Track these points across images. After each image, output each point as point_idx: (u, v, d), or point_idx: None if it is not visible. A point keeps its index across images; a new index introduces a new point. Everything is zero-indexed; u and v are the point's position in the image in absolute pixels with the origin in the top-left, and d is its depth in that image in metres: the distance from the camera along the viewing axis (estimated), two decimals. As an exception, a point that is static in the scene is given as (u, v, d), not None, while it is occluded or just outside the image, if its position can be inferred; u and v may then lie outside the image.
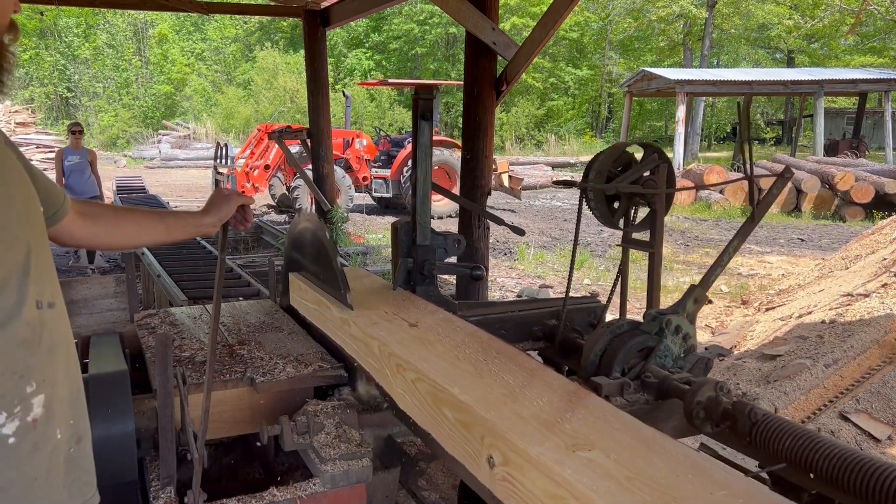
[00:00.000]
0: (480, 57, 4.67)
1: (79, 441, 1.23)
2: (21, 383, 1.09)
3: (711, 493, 1.00)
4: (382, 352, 1.72)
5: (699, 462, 1.12)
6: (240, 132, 29.18)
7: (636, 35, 34.38)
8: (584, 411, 1.29)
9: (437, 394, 1.44)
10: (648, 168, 2.23)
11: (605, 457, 1.11)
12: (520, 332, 2.26)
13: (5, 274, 1.06)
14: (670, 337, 1.94)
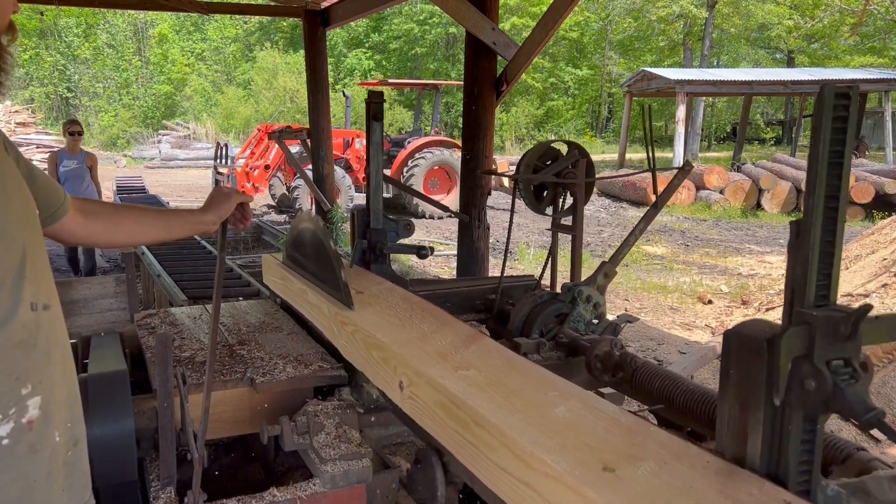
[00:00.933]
0: (480, 57, 4.67)
1: (76, 444, 1.23)
2: (16, 385, 1.09)
3: (546, 393, 1.38)
4: (331, 312, 2.03)
5: (546, 376, 1.48)
6: (240, 132, 29.18)
7: (636, 35, 34.38)
8: (475, 347, 1.65)
9: (367, 339, 1.78)
10: (570, 162, 2.58)
11: (478, 373, 1.47)
12: (464, 305, 2.60)
13: (7, 277, 1.07)
14: (582, 305, 2.28)
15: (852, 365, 1.01)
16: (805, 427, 1.05)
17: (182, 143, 27.11)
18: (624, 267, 8.99)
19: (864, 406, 0.97)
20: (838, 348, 1.01)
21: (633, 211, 14.87)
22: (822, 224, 1.04)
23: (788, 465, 1.06)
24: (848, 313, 1.00)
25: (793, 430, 1.04)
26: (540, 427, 1.21)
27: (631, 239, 2.47)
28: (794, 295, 1.06)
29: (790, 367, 1.02)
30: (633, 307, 6.93)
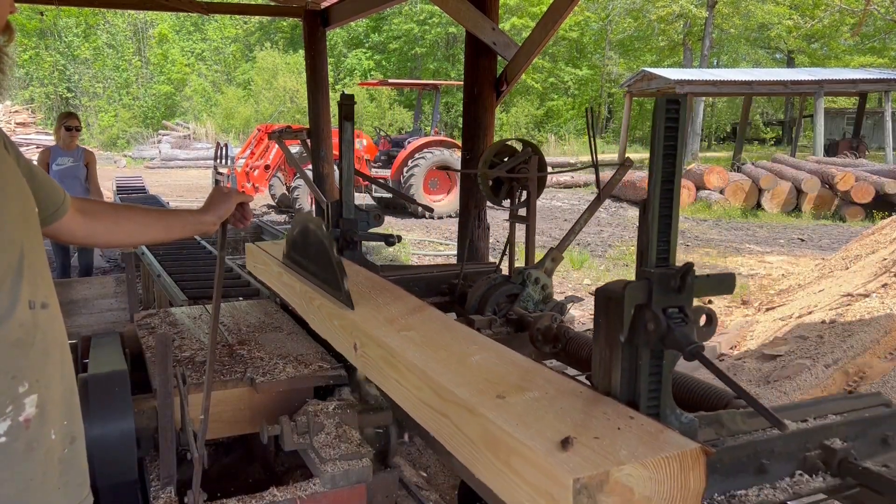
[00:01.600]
0: (480, 57, 4.67)
1: (73, 441, 1.23)
2: (13, 384, 1.09)
3: (468, 347, 1.67)
4: (302, 290, 2.31)
5: (474, 336, 1.79)
6: (240, 132, 29.18)
7: (636, 35, 34.38)
8: (419, 315, 1.93)
9: (331, 311, 2.06)
10: (523, 159, 2.83)
11: (416, 334, 1.75)
12: (430, 289, 2.85)
13: (5, 276, 1.08)
14: (531, 286, 2.55)
15: (684, 311, 1.30)
16: (653, 362, 1.34)
17: (182, 143, 27.11)
18: (624, 267, 8.99)
19: (687, 341, 1.26)
20: (672, 298, 1.31)
21: (633, 211, 14.87)
22: (660, 203, 1.31)
23: (640, 393, 1.34)
24: (678, 271, 1.29)
25: (643, 365, 1.32)
26: (456, 370, 1.52)
27: (577, 227, 2.79)
28: (641, 257, 1.33)
29: (634, 313, 1.30)
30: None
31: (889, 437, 1.59)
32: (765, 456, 1.44)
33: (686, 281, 1.30)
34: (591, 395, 1.39)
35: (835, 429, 1.53)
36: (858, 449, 1.52)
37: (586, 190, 18.69)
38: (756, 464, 1.44)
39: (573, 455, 1.13)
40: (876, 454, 1.54)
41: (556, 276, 8.29)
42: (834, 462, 1.46)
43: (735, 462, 1.41)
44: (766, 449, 1.44)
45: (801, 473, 1.47)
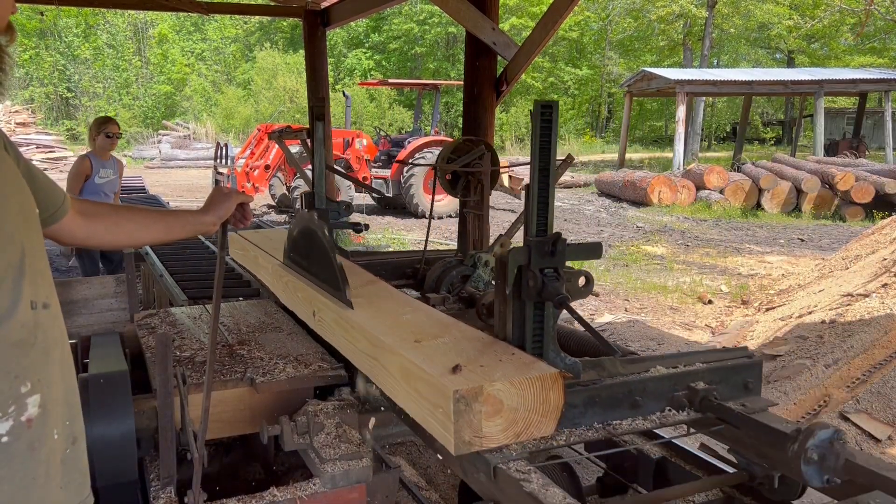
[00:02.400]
0: (480, 57, 4.67)
1: (74, 441, 1.23)
2: (15, 383, 1.10)
3: (403, 308, 2.01)
4: (273, 268, 2.65)
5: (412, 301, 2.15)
6: (240, 132, 29.19)
7: (636, 35, 34.38)
8: (370, 286, 2.29)
9: (295, 286, 2.39)
10: (477, 155, 3.12)
11: (364, 300, 2.08)
12: (396, 272, 3.16)
13: (6, 275, 1.08)
14: (481, 268, 2.82)
15: (557, 271, 1.64)
16: (536, 312, 1.69)
17: (182, 143, 27.11)
18: (624, 267, 9.00)
19: (557, 293, 1.60)
20: (547, 261, 1.65)
21: (633, 211, 14.88)
22: (539, 186, 1.65)
23: (526, 337, 1.69)
24: (551, 239, 1.65)
25: (528, 315, 1.68)
26: (388, 325, 1.85)
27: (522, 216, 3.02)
28: (526, 229, 1.68)
29: (518, 273, 1.65)
30: (634, 307, 6.93)
31: (750, 383, 1.90)
32: (638, 394, 1.76)
33: (557, 247, 1.64)
34: (490, 340, 1.74)
35: (700, 374, 1.84)
36: (722, 392, 1.83)
37: (586, 190, 18.69)
38: (631, 400, 1.76)
39: (459, 377, 1.46)
40: (738, 397, 1.85)
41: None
42: (696, 400, 1.77)
43: (612, 397, 1.74)
44: (640, 388, 1.77)
45: (670, 409, 1.79)
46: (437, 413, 1.47)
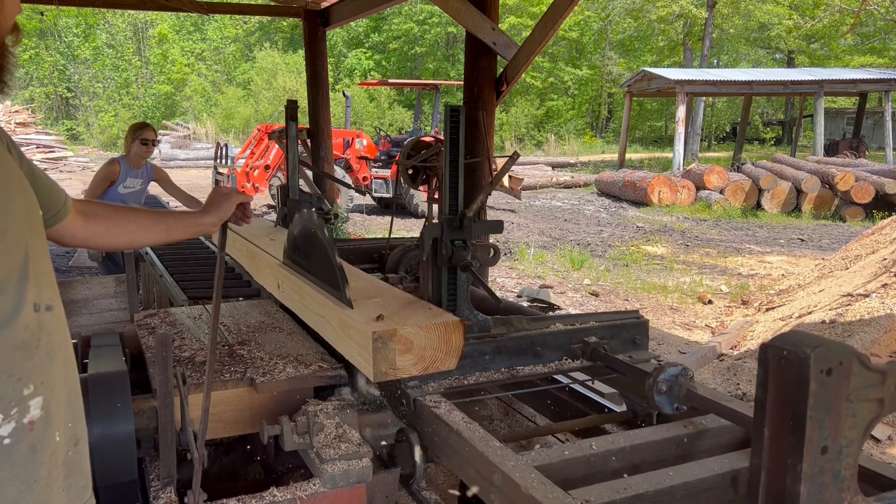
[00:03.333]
0: (480, 57, 4.67)
1: (76, 444, 1.23)
2: (18, 386, 1.10)
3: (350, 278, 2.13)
4: (248, 250, 3.11)
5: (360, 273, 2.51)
6: (240, 132, 29.18)
7: (636, 35, 34.37)
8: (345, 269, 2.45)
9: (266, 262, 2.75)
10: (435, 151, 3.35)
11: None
12: (364, 258, 3.50)
13: (3, 277, 1.07)
14: None
15: (465, 242, 2.05)
16: (449, 276, 2.08)
17: (182, 143, 27.09)
18: (624, 267, 8.99)
19: (462, 259, 2.03)
20: (457, 234, 2.05)
21: (633, 211, 14.88)
22: (450, 175, 2.09)
23: (442, 296, 2.07)
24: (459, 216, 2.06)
25: (443, 278, 2.07)
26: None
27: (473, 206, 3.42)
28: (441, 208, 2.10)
29: (433, 244, 2.06)
30: (634, 307, 6.93)
31: (637, 339, 2.29)
32: (539, 345, 2.16)
33: (464, 223, 2.07)
34: (414, 299, 2.12)
35: (593, 330, 2.22)
36: (614, 346, 2.19)
37: (586, 190, 18.69)
38: (533, 350, 2.15)
39: (381, 323, 1.83)
40: (627, 350, 2.24)
41: (556, 277, 8.32)
42: (588, 351, 2.15)
43: (517, 348, 2.13)
44: (541, 341, 2.17)
45: (566, 358, 2.19)
46: (363, 352, 1.81)
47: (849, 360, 1.05)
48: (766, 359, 1.07)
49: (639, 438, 1.80)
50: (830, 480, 1.08)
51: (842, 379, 1.06)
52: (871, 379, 1.08)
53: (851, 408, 1.08)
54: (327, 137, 7.71)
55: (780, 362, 1.06)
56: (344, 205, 11.86)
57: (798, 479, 1.06)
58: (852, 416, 1.08)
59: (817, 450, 1.06)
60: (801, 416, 1.04)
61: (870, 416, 1.09)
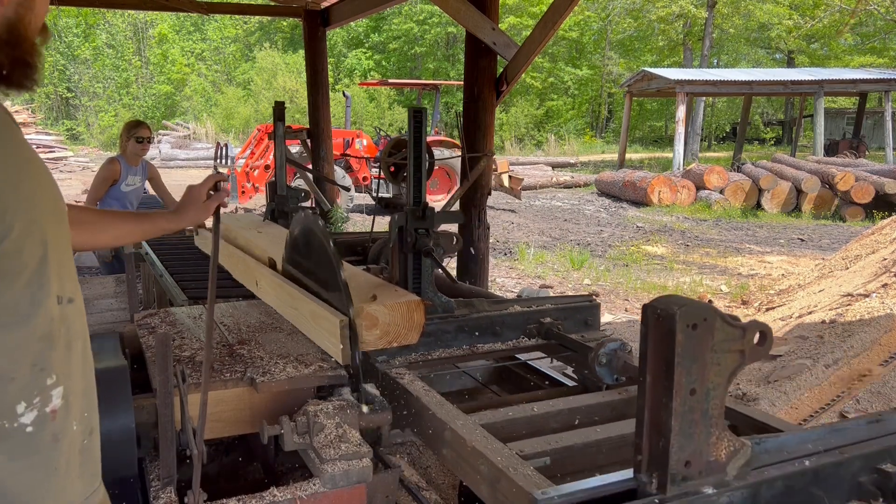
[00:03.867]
0: (480, 57, 4.67)
1: (91, 433, 1.28)
2: (41, 376, 1.14)
3: None
4: (228, 250, 3.23)
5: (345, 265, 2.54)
6: (240, 132, 29.17)
7: (636, 35, 34.36)
8: None
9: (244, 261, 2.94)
10: None
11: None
12: (349, 250, 3.66)
13: (31, 268, 1.11)
14: None
15: (428, 231, 2.30)
16: (414, 261, 2.31)
17: (182, 143, 27.08)
18: (624, 267, 8.99)
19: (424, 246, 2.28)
20: (420, 223, 2.32)
21: (633, 211, 14.87)
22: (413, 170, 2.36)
23: (408, 280, 2.33)
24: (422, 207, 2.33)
25: (409, 264, 2.30)
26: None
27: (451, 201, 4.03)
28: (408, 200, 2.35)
29: (399, 232, 2.33)
30: (634, 307, 6.93)
31: (589, 320, 2.52)
32: (499, 325, 2.38)
33: (426, 213, 2.30)
34: (382, 282, 2.33)
35: (548, 312, 2.45)
36: (567, 327, 2.38)
37: (586, 190, 18.69)
38: (493, 329, 2.38)
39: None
40: (580, 331, 2.42)
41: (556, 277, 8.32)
42: (543, 330, 2.36)
43: (478, 327, 2.36)
44: (500, 321, 2.39)
45: (523, 337, 2.41)
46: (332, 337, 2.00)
47: (712, 318, 1.24)
48: (647, 317, 1.27)
49: (576, 402, 2.02)
50: (700, 418, 1.27)
51: (706, 333, 1.23)
52: (732, 334, 1.26)
53: (716, 357, 1.26)
54: (327, 137, 7.71)
55: (656, 319, 1.25)
56: (344, 205, 11.86)
57: (671, 415, 1.24)
58: (717, 365, 1.26)
59: (686, 391, 1.24)
60: (671, 363, 1.22)
61: (733, 365, 1.28)
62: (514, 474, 1.46)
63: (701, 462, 1.30)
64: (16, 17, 1.13)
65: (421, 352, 2.25)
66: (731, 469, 1.34)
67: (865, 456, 1.49)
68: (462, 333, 2.32)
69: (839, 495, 1.48)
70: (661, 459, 1.27)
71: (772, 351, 4.70)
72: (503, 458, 1.53)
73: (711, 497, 1.31)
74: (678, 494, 1.27)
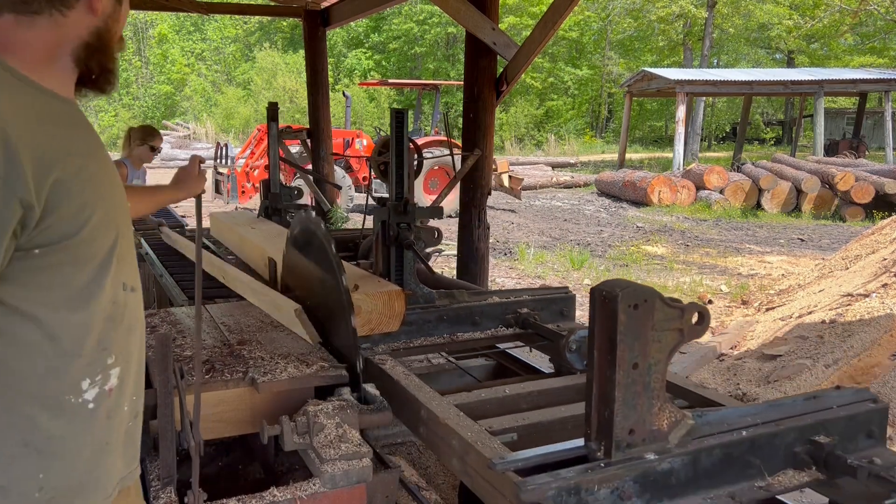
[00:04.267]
0: (480, 57, 4.67)
1: (136, 416, 1.37)
2: (104, 355, 1.24)
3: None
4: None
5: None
6: (239, 132, 29.16)
7: (636, 35, 34.34)
8: None
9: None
10: None
11: None
12: (341, 247, 3.67)
13: (101, 256, 1.21)
14: None
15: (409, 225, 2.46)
16: (396, 253, 2.47)
17: (182, 143, 27.09)
18: (624, 267, 8.99)
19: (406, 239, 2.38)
20: (402, 217, 2.49)
21: (633, 211, 14.87)
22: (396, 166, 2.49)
23: (391, 271, 2.48)
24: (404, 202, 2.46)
25: (392, 256, 2.47)
26: None
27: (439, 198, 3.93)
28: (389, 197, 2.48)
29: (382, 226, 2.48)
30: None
31: (565, 310, 2.64)
32: (478, 315, 2.50)
33: (408, 208, 2.43)
34: (367, 274, 2.45)
35: (525, 303, 2.57)
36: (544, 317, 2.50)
37: (586, 190, 18.69)
38: (472, 319, 2.49)
39: None
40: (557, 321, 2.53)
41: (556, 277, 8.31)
42: (520, 320, 2.49)
43: (458, 317, 2.47)
44: (479, 311, 2.51)
45: (502, 326, 2.52)
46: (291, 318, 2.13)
47: (652, 299, 1.37)
48: (594, 298, 1.41)
49: (545, 385, 2.14)
50: (642, 390, 1.39)
51: (647, 313, 1.36)
52: (671, 314, 1.39)
53: (657, 335, 1.38)
54: (327, 137, 7.71)
55: (601, 301, 1.38)
56: (344, 204, 11.86)
57: (614, 387, 1.36)
58: (658, 342, 1.38)
59: (629, 365, 1.36)
60: (615, 340, 1.34)
61: (673, 342, 1.40)
62: (482, 447, 1.58)
63: (644, 431, 1.41)
64: (105, 27, 1.27)
65: (403, 340, 2.38)
66: (672, 438, 1.45)
67: (800, 428, 1.60)
68: (443, 323, 2.45)
69: (775, 464, 1.58)
70: (607, 428, 1.39)
71: (772, 351, 4.70)
72: (473, 434, 1.66)
73: (653, 462, 1.41)
74: (622, 460, 1.39)
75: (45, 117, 1.16)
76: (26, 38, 1.18)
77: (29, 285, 1.13)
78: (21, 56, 1.18)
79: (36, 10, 1.17)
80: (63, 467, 1.19)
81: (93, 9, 1.23)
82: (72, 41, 1.23)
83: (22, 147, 1.07)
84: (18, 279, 1.12)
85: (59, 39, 1.22)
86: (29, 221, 1.09)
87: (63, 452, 1.18)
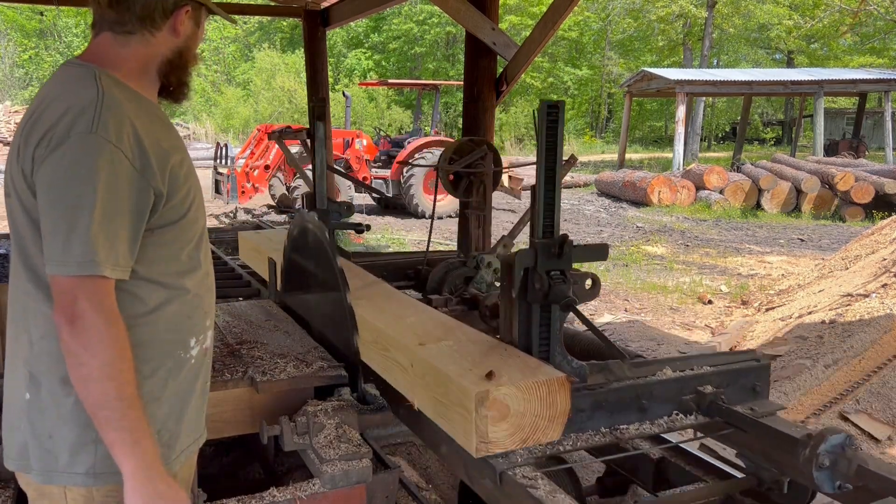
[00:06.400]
0: (480, 57, 4.67)
1: (206, 383, 1.53)
2: (206, 318, 1.47)
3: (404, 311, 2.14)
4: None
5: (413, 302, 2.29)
6: (239, 132, 29.16)
7: (636, 35, 34.34)
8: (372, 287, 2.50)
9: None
10: (479, 155, 3.12)
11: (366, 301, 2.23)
12: (398, 274, 3.22)
13: (199, 234, 1.44)
14: (484, 270, 2.88)
15: (564, 273, 1.62)
16: (542, 315, 1.66)
17: (182, 143, 27.07)
18: (624, 267, 9.00)
19: (563, 296, 1.60)
20: (554, 263, 1.63)
21: (633, 211, 14.88)
22: (545, 187, 1.63)
23: (532, 340, 1.67)
24: (557, 240, 1.63)
25: (534, 318, 1.66)
26: (394, 325, 2.00)
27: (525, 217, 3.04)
28: (532, 230, 1.66)
29: (524, 275, 1.63)
30: (633, 307, 6.93)
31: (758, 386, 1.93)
32: (645, 398, 1.77)
33: (564, 249, 1.63)
34: (495, 343, 1.80)
35: (707, 377, 1.86)
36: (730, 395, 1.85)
37: (586, 190, 18.69)
38: (638, 404, 1.77)
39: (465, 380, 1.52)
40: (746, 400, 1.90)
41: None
42: (704, 404, 1.80)
43: (619, 402, 1.74)
44: (647, 392, 1.78)
45: (677, 413, 1.81)
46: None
47: None
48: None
49: None
50: None
51: None
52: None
53: None
54: (327, 137, 7.70)
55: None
56: (344, 205, 11.84)
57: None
58: None
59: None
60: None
61: None
62: None
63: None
64: (185, 46, 1.46)
65: None
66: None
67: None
68: (600, 411, 1.71)
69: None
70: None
71: (772, 351, 4.70)
72: None
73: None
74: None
75: (153, 118, 1.36)
76: (123, 54, 1.37)
77: (153, 259, 1.33)
78: (120, 69, 1.36)
79: (130, 30, 1.37)
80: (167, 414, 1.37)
81: (176, 31, 1.41)
82: (157, 58, 1.42)
83: (147, 142, 1.28)
84: (146, 255, 1.32)
85: (149, 56, 1.41)
86: (158, 206, 1.31)
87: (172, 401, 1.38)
